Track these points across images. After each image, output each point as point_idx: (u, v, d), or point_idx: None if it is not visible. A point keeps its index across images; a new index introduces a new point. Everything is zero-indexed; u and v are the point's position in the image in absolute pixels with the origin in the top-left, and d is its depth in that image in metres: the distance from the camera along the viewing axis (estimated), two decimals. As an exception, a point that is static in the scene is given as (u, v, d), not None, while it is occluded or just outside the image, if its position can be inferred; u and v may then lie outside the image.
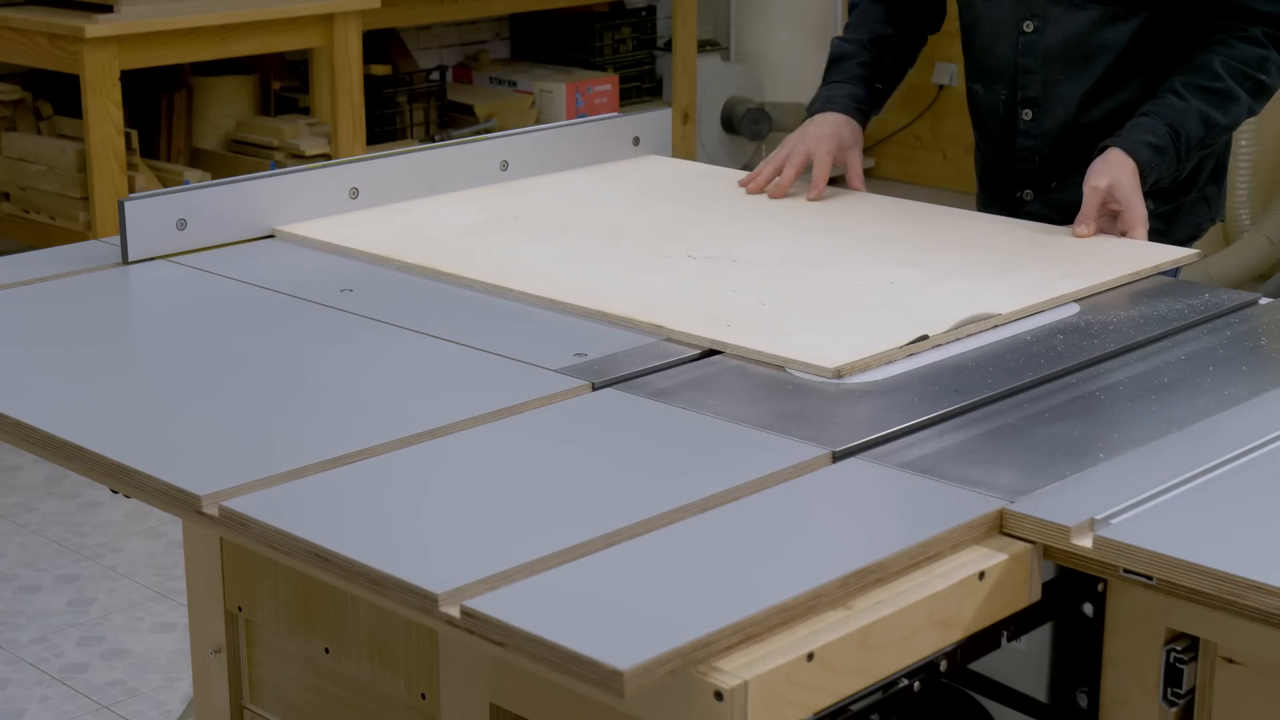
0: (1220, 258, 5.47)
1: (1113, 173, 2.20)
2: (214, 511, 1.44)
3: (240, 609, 2.02)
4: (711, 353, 1.79)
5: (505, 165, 2.47)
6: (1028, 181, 2.45)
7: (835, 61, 2.57)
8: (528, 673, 1.43)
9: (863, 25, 2.59)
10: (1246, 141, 5.47)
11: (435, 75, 5.92)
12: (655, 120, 2.66)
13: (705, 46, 6.68)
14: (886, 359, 1.75)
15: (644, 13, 6.57)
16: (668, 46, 6.56)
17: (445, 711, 1.76)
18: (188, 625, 2.18)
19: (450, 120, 5.95)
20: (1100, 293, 2.00)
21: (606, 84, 6.24)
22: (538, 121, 6.00)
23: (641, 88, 6.52)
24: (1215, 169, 2.46)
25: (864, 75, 2.53)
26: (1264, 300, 2.00)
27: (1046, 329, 1.88)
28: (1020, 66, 2.40)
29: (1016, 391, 1.71)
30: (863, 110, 2.52)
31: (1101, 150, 2.24)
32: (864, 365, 1.74)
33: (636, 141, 2.62)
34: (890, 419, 1.62)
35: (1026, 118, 2.41)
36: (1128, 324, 1.90)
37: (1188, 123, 2.24)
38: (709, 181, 2.52)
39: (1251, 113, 2.31)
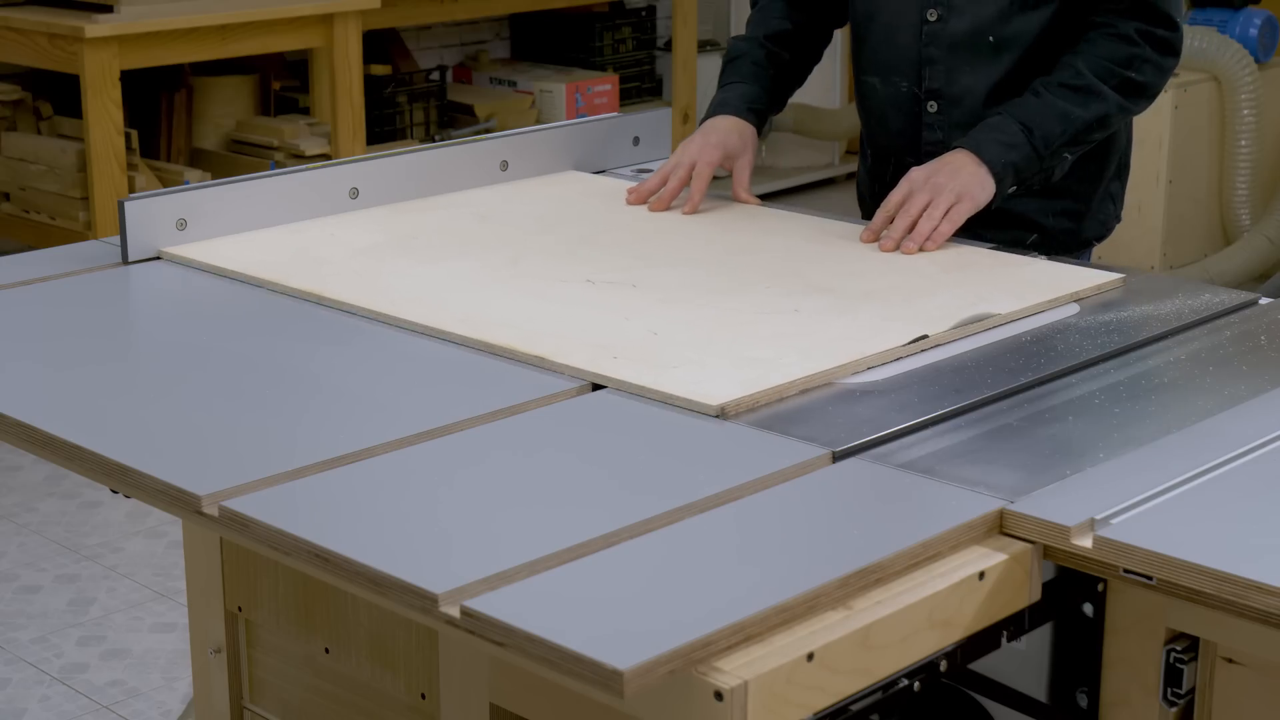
0: (1220, 258, 5.47)
1: (912, 182, 2.16)
2: (214, 511, 1.44)
3: (240, 609, 2.02)
4: (597, 387, 1.71)
5: (505, 165, 2.47)
6: None
7: (730, 62, 2.48)
8: (528, 673, 1.43)
9: (760, 22, 2.50)
10: (1246, 142, 5.47)
11: (435, 75, 5.92)
12: (655, 120, 2.66)
13: (705, 46, 6.67)
14: (777, 395, 1.66)
15: (644, 13, 6.57)
16: (668, 46, 6.56)
17: (445, 711, 1.76)
18: (188, 625, 2.18)
19: (450, 120, 5.94)
20: (1017, 319, 1.90)
21: (606, 84, 6.24)
22: (538, 121, 6.00)
23: (641, 88, 6.52)
24: (1119, 167, 2.43)
25: (760, 74, 2.44)
26: (1264, 300, 2.00)
27: (1047, 329, 1.88)
28: (924, 57, 2.31)
29: (1016, 391, 1.71)
30: (756, 111, 2.42)
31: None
32: (751, 403, 1.64)
33: (636, 141, 2.62)
34: (890, 419, 1.62)
35: (932, 110, 2.32)
36: (1128, 324, 1.90)
37: (1043, 120, 2.18)
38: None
39: (1125, 111, 2.24)
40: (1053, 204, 2.34)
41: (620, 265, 2.06)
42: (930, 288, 1.98)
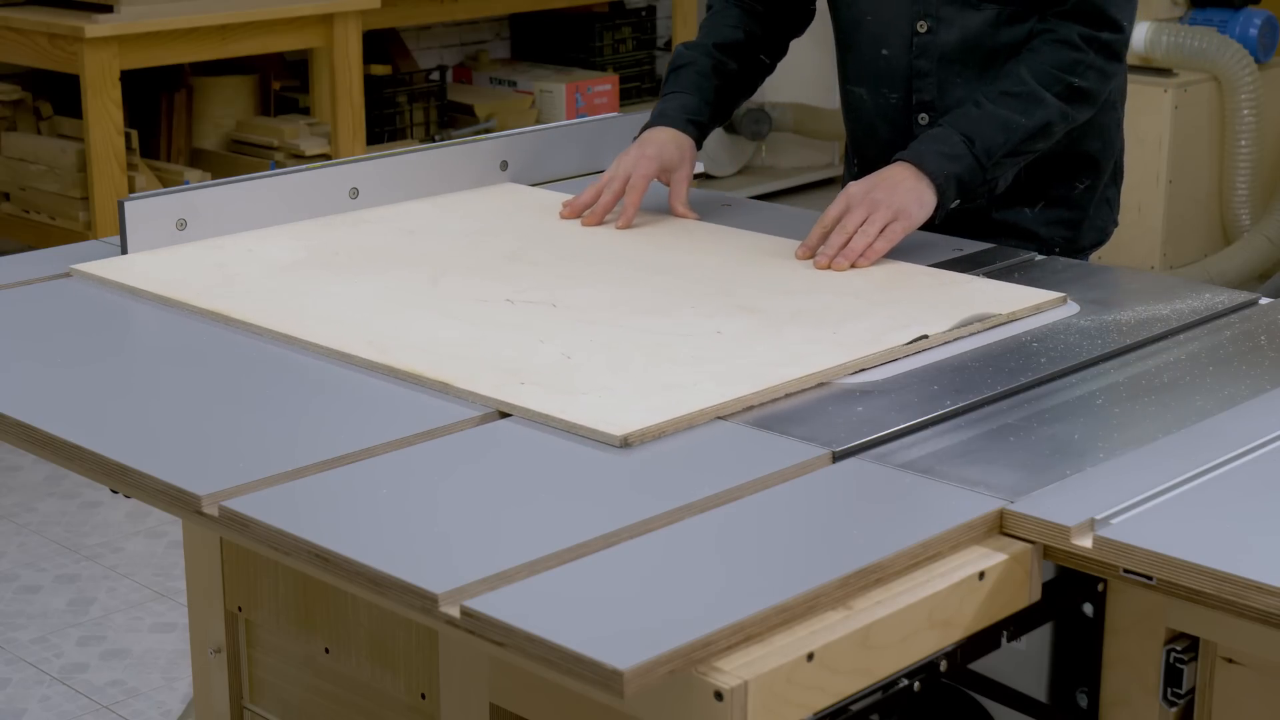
0: (1220, 258, 5.47)
1: (849, 196, 2.10)
2: (214, 511, 1.44)
3: (240, 609, 2.03)
4: (504, 415, 1.62)
5: (505, 165, 2.47)
6: None
7: (673, 71, 2.40)
8: (528, 673, 1.43)
9: (711, 29, 2.42)
10: (1246, 142, 5.47)
11: (435, 75, 5.92)
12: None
13: (705, 46, 6.67)
14: (687, 423, 1.59)
15: (644, 13, 6.57)
16: (668, 46, 6.56)
17: (445, 711, 1.76)
18: (188, 625, 2.18)
19: (450, 120, 5.95)
20: (946, 342, 1.83)
21: (606, 84, 6.24)
22: (538, 121, 6.00)
23: (641, 88, 6.52)
24: (1115, 172, 2.40)
25: (702, 85, 2.36)
26: (1264, 300, 2.00)
27: (1047, 329, 1.88)
28: (915, 69, 2.27)
29: (1016, 391, 1.71)
30: (696, 124, 2.34)
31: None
32: (658, 432, 1.57)
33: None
34: (890, 419, 1.62)
35: (923, 121, 2.27)
36: (1128, 324, 1.90)
37: (986, 130, 2.12)
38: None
39: (1067, 118, 2.17)
40: (1049, 214, 2.33)
41: (543, 283, 1.99)
42: (861, 309, 1.91)
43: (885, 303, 1.93)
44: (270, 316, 1.87)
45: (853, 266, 2.05)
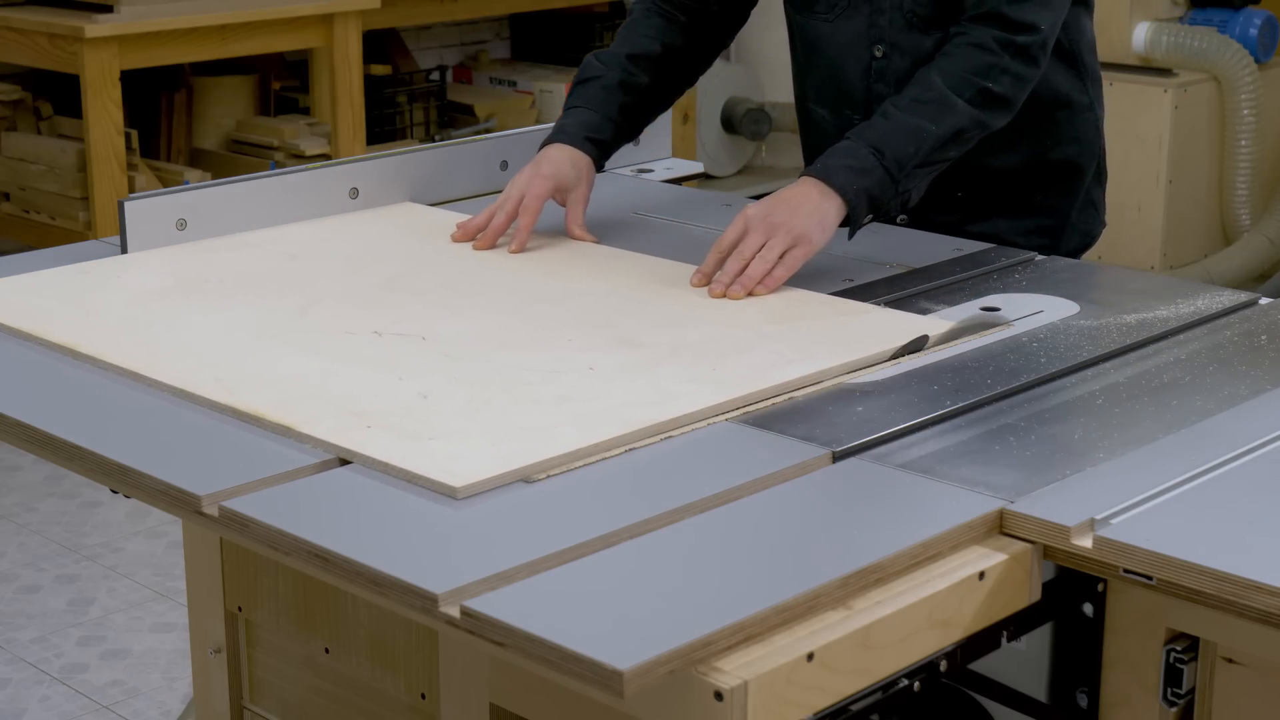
0: (1220, 258, 5.47)
1: (748, 220, 1.98)
2: (214, 511, 1.44)
3: (240, 609, 2.03)
4: (344, 462, 1.52)
5: (505, 165, 2.47)
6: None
7: (579, 84, 2.28)
8: (528, 673, 1.43)
9: (627, 38, 2.31)
10: (1246, 142, 5.47)
11: (435, 75, 5.92)
12: (655, 120, 2.66)
13: (705, 46, 6.67)
14: (539, 470, 1.48)
15: (644, 13, 6.56)
16: (668, 46, 6.55)
17: (445, 711, 1.76)
18: (188, 625, 2.18)
19: (450, 120, 5.94)
20: (831, 379, 1.73)
21: (606, 84, 6.23)
22: (538, 121, 6.00)
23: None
24: (1097, 172, 2.35)
25: (607, 100, 2.25)
26: (1264, 300, 2.00)
27: (1047, 329, 1.88)
28: (874, 93, 2.22)
29: (1016, 391, 1.71)
30: (596, 141, 2.23)
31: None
32: (500, 481, 1.46)
33: (636, 141, 2.61)
34: (890, 419, 1.62)
35: None
36: (1127, 324, 1.90)
37: (895, 140, 2.02)
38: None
39: (982, 125, 2.07)
40: (1026, 223, 2.30)
41: (417, 313, 1.88)
42: (747, 342, 1.80)
43: (773, 336, 1.82)
44: (120, 351, 1.76)
45: (750, 295, 1.95)
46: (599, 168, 2.26)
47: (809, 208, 1.99)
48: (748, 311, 1.91)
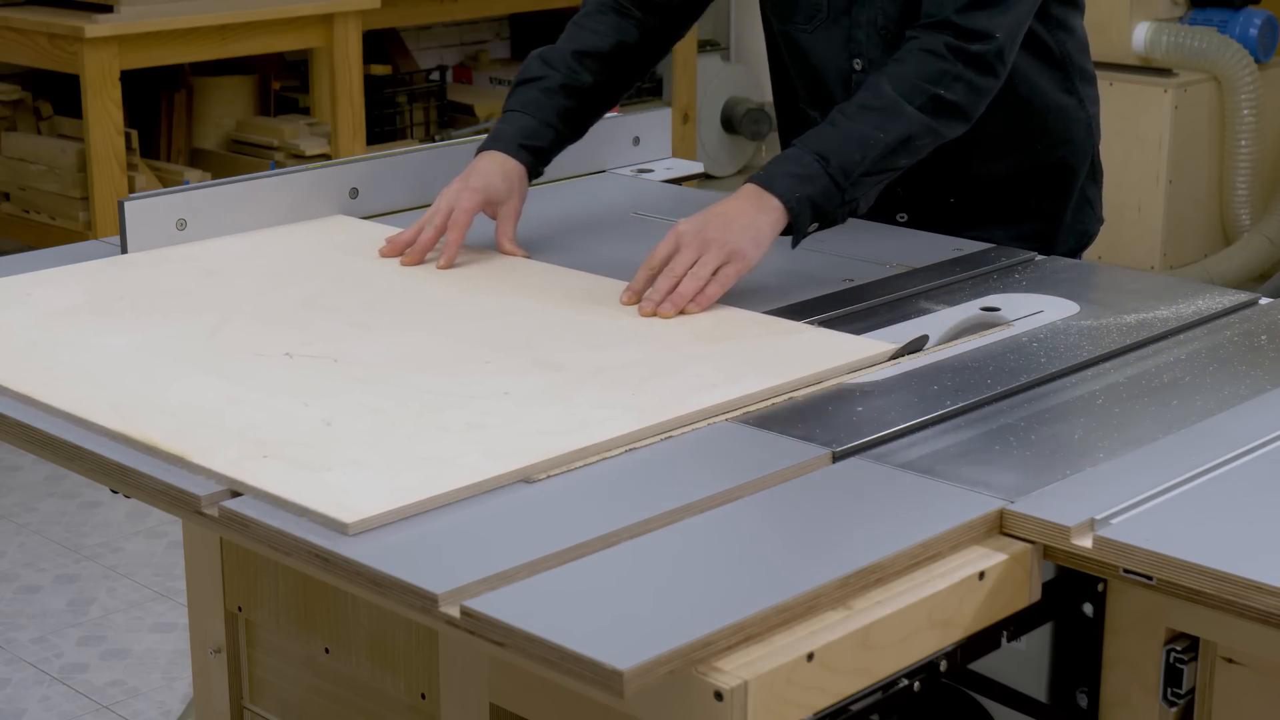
0: (1220, 258, 5.48)
1: (680, 235, 1.91)
2: (214, 511, 1.44)
3: (240, 609, 2.03)
4: (235, 494, 1.46)
5: (505, 165, 2.46)
6: (897, 205, 2.28)
7: (519, 85, 2.20)
8: (528, 673, 1.43)
9: (575, 35, 2.24)
10: (1246, 142, 5.47)
11: (435, 75, 5.92)
12: (655, 120, 2.66)
13: (705, 46, 6.68)
14: (438, 503, 1.42)
15: (644, 13, 6.56)
16: (668, 46, 6.55)
17: (445, 711, 1.76)
18: (188, 625, 2.18)
19: (450, 120, 5.95)
20: (761, 401, 1.67)
21: (606, 84, 6.23)
22: (538, 121, 5.99)
23: (641, 88, 6.52)
24: (1092, 170, 2.33)
25: (545, 104, 2.17)
26: (1264, 300, 2.00)
27: (1047, 329, 1.88)
28: None
29: (1016, 391, 1.71)
30: (532, 149, 2.15)
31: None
32: (395, 516, 1.40)
33: (636, 141, 2.62)
34: (890, 419, 1.62)
35: None
36: (1127, 324, 1.90)
37: (841, 147, 1.96)
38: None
39: (934, 132, 2.01)
40: (1020, 229, 2.29)
41: (332, 334, 1.82)
42: (672, 364, 1.73)
43: (700, 357, 1.76)
44: (15, 374, 1.69)
45: (681, 313, 1.88)
46: (537, 173, 2.20)
47: (743, 222, 1.93)
48: (676, 331, 1.84)
